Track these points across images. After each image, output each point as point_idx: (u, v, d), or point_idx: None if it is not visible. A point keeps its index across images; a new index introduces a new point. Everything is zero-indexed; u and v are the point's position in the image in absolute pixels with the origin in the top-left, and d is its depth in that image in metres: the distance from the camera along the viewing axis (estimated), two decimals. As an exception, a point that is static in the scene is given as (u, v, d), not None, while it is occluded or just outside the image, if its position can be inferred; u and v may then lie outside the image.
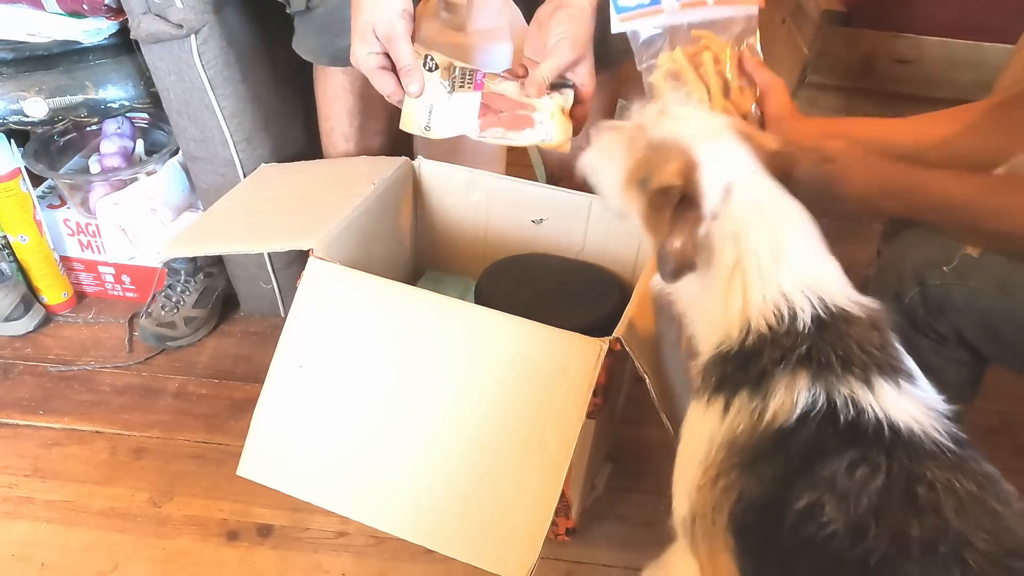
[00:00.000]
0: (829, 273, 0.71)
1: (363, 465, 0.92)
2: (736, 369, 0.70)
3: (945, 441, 0.62)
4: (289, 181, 1.21)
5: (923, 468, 0.60)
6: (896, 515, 0.59)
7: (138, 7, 1.12)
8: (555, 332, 0.86)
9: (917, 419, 0.63)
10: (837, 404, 0.63)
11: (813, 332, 0.66)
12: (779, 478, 0.64)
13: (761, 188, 0.73)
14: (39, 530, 1.13)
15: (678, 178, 0.71)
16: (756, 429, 0.66)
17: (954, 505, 0.59)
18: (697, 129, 0.75)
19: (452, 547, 0.87)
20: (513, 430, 0.87)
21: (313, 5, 1.12)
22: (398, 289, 0.94)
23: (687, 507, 0.73)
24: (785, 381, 0.66)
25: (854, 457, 0.61)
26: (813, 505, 0.61)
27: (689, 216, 0.70)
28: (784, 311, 0.68)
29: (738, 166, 0.74)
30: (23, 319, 1.43)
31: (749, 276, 0.70)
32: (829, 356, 0.65)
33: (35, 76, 1.23)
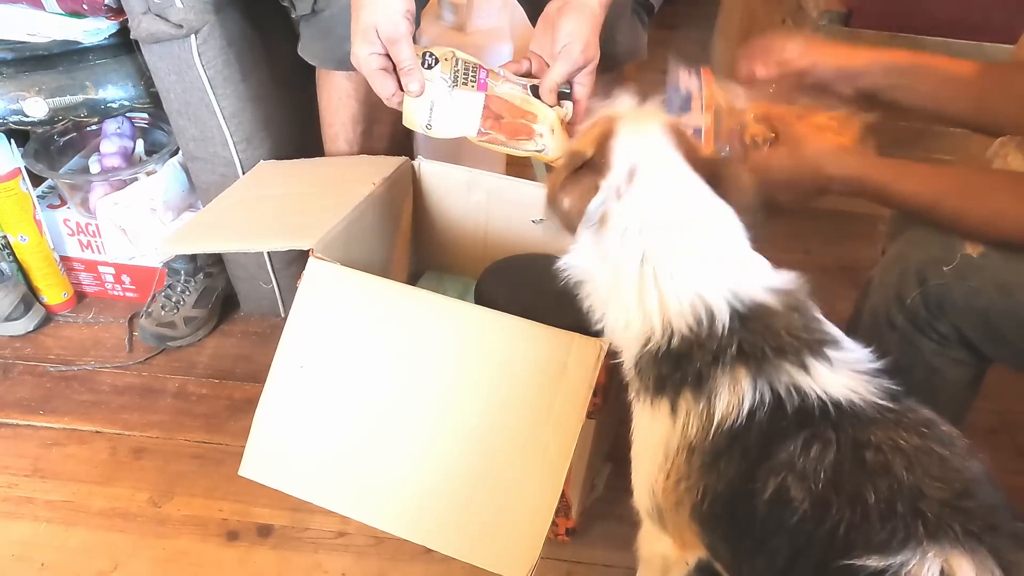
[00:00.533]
0: (740, 265, 0.71)
1: (363, 465, 0.92)
2: (671, 370, 0.71)
3: (882, 401, 0.66)
4: (288, 179, 1.21)
5: (867, 434, 0.64)
6: (852, 483, 0.62)
7: (138, 7, 1.12)
8: (555, 332, 0.86)
9: (854, 388, 0.66)
10: (782, 394, 0.66)
11: (738, 329, 0.68)
12: (740, 471, 0.67)
13: (669, 174, 0.73)
14: (39, 530, 1.13)
15: (591, 144, 0.73)
16: (709, 431, 0.69)
17: (903, 462, 0.62)
18: (634, 113, 0.77)
19: (452, 547, 0.87)
20: (513, 430, 0.87)
21: (319, 8, 1.12)
22: (398, 289, 0.94)
23: (650, 503, 0.77)
24: (727, 381, 0.68)
25: (806, 436, 0.64)
26: (779, 489, 0.64)
27: (586, 182, 0.72)
28: (701, 312, 0.69)
29: (651, 148, 0.74)
30: (23, 319, 1.43)
31: (660, 276, 0.70)
32: (763, 349, 0.67)
33: (35, 76, 1.23)
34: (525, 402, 0.86)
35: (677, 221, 0.71)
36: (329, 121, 1.26)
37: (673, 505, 0.74)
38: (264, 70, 1.28)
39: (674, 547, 0.80)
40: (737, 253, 0.72)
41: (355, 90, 1.21)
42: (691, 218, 0.71)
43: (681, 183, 0.73)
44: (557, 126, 0.99)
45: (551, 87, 0.98)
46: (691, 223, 0.71)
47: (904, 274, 0.88)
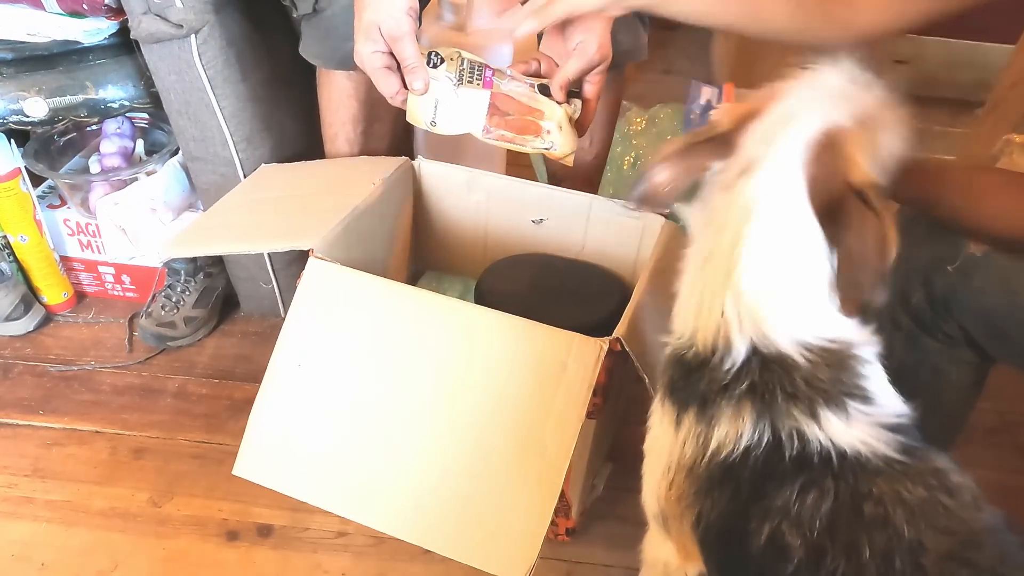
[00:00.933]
0: (788, 309, 0.65)
1: (361, 465, 0.92)
2: (680, 378, 0.69)
3: (893, 454, 0.62)
4: (289, 181, 1.21)
5: (869, 485, 0.61)
6: (848, 535, 0.60)
7: (138, 7, 1.12)
8: (555, 332, 0.86)
9: (864, 441, 0.63)
10: (782, 438, 0.63)
11: (753, 370, 0.64)
12: (734, 507, 0.65)
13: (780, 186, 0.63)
14: (39, 530, 1.13)
15: (730, 121, 0.65)
16: (703, 456, 0.66)
17: (904, 514, 0.59)
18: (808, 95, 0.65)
19: (451, 547, 0.87)
20: (513, 430, 0.86)
21: (320, 8, 1.12)
22: (398, 289, 0.94)
23: (656, 507, 0.75)
24: (729, 413, 0.65)
25: (803, 482, 0.62)
26: (774, 535, 0.62)
27: (698, 159, 0.65)
28: (720, 340, 0.65)
29: (783, 148, 0.63)
30: (23, 319, 1.43)
31: (708, 282, 0.66)
32: (774, 391, 0.64)
33: (35, 76, 1.23)
34: (525, 402, 0.86)
35: (748, 237, 0.63)
36: (329, 121, 1.26)
37: (678, 516, 0.72)
38: (264, 70, 1.28)
39: (676, 555, 0.78)
40: (795, 295, 0.65)
41: (355, 90, 1.21)
42: (766, 240, 0.63)
43: (787, 197, 0.63)
44: (565, 123, 0.99)
45: (562, 82, 0.96)
46: (761, 245, 0.63)
47: (908, 274, 0.87)
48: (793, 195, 0.63)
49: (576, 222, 1.17)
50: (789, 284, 0.65)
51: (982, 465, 1.23)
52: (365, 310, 0.94)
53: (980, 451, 1.26)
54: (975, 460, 0.68)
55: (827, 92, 0.66)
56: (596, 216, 1.15)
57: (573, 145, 1.00)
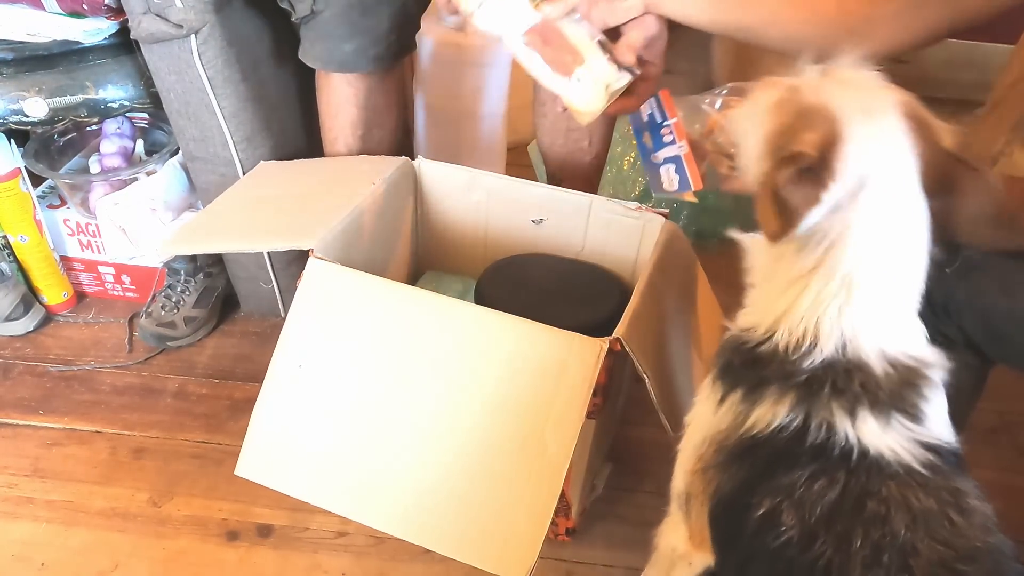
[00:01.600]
0: (882, 324, 0.66)
1: (362, 465, 0.92)
2: (741, 364, 0.70)
3: (916, 466, 0.63)
4: (289, 179, 1.21)
5: (879, 486, 0.62)
6: (844, 525, 0.61)
7: (138, 7, 1.12)
8: (555, 332, 0.86)
9: (892, 448, 0.64)
10: (811, 426, 0.65)
11: (818, 368, 0.66)
12: (745, 481, 0.67)
13: (895, 198, 0.64)
14: (39, 530, 1.13)
15: (814, 150, 0.62)
16: (735, 432, 0.68)
17: (905, 519, 0.61)
18: (857, 100, 0.65)
19: (451, 547, 0.87)
20: (513, 430, 0.86)
21: (318, 9, 1.12)
22: (398, 289, 0.94)
23: (683, 485, 0.77)
24: (775, 396, 0.67)
25: (815, 470, 0.63)
26: (772, 511, 0.63)
27: (807, 191, 0.63)
28: (806, 344, 0.66)
29: (886, 158, 0.63)
30: (23, 319, 1.43)
31: (808, 291, 0.66)
32: (823, 385, 0.66)
33: (35, 76, 1.23)
34: (525, 402, 0.86)
35: (863, 258, 0.64)
36: (328, 125, 1.26)
37: (700, 492, 0.74)
38: (264, 70, 1.28)
39: (686, 541, 0.80)
40: (891, 310, 0.67)
41: (354, 95, 1.21)
42: (880, 261, 0.65)
43: (901, 215, 0.64)
44: (601, 84, 0.93)
45: (631, 44, 0.91)
46: (875, 266, 0.65)
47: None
48: (911, 203, 0.64)
49: (576, 222, 1.17)
50: (892, 299, 0.67)
51: (982, 465, 1.23)
52: (365, 310, 0.94)
53: (980, 451, 1.26)
54: (975, 460, 0.68)
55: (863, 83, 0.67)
56: (596, 216, 1.15)
57: (595, 109, 0.94)
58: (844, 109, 0.64)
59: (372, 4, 1.12)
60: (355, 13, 1.08)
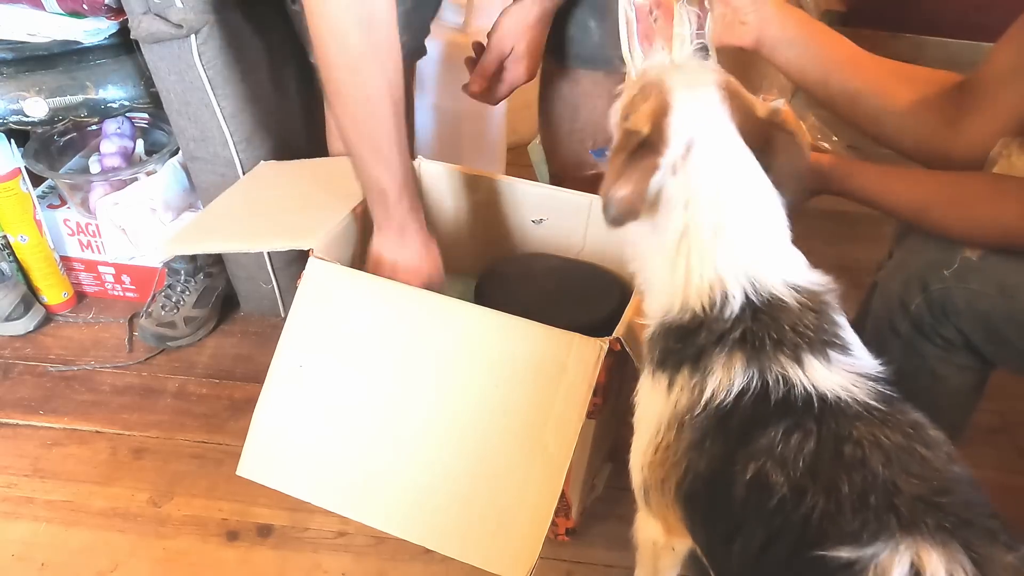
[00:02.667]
0: (771, 256, 0.72)
1: (363, 465, 0.92)
2: (676, 343, 0.72)
3: (872, 402, 0.66)
4: (288, 179, 1.21)
5: (849, 428, 0.65)
6: (828, 474, 0.63)
7: (138, 7, 1.12)
8: (555, 332, 0.86)
9: (844, 387, 0.67)
10: (769, 383, 0.67)
11: (746, 317, 0.69)
12: (722, 453, 0.69)
13: (724, 152, 0.72)
14: (39, 530, 1.13)
15: (647, 120, 0.71)
16: (696, 406, 0.70)
17: (881, 457, 0.63)
18: (683, 77, 0.75)
19: (451, 547, 0.87)
20: (513, 430, 0.87)
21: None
22: (398, 289, 0.94)
23: (640, 480, 0.78)
24: (722, 361, 0.69)
25: (787, 425, 0.65)
26: (759, 474, 0.65)
27: (645, 163, 0.70)
28: (716, 295, 0.70)
29: (708, 121, 0.72)
30: (23, 319, 1.43)
31: (692, 251, 0.71)
32: (763, 339, 0.69)
33: (35, 76, 1.23)
34: (525, 402, 0.86)
35: (722, 202, 0.71)
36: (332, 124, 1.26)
37: (659, 482, 0.75)
38: (264, 70, 1.28)
39: (661, 531, 0.81)
40: (772, 243, 0.72)
41: None
42: (736, 200, 0.71)
43: (734, 162, 0.72)
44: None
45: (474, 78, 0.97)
46: (735, 206, 0.71)
47: (906, 280, 0.87)
48: (738, 152, 0.72)
49: (576, 222, 1.17)
50: (766, 233, 0.72)
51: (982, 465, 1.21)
52: (365, 310, 0.94)
53: (980, 451, 1.25)
54: (975, 460, 0.68)
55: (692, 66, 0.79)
56: (596, 216, 1.15)
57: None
58: (672, 84, 0.73)
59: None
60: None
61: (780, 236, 0.73)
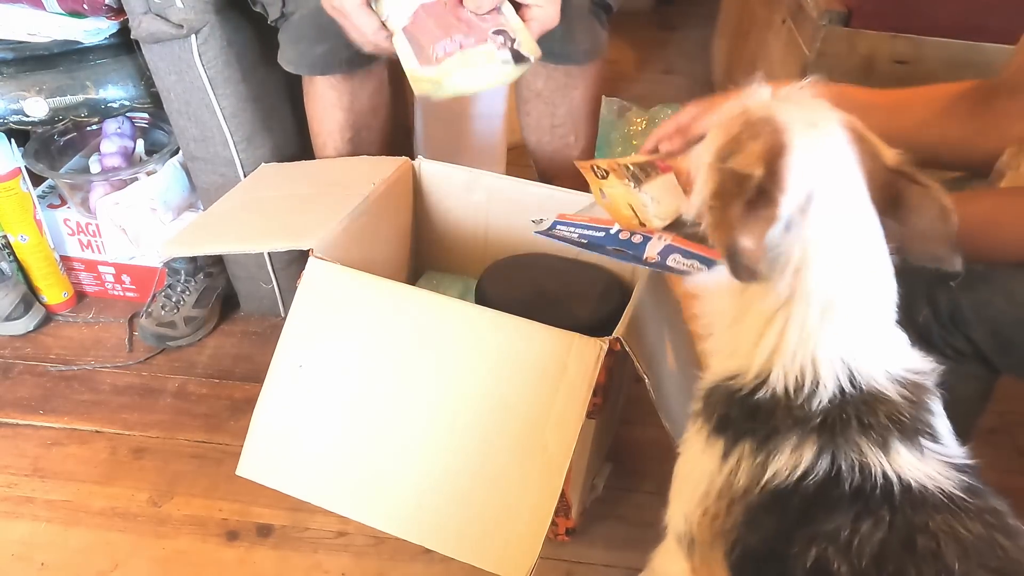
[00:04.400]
0: (877, 343, 0.64)
1: (363, 465, 0.92)
2: (742, 417, 0.66)
3: (955, 492, 0.61)
4: (289, 181, 1.21)
5: (925, 518, 0.60)
6: (895, 565, 0.58)
7: (139, 7, 1.12)
8: (555, 332, 0.86)
9: (929, 475, 0.62)
10: (843, 468, 0.62)
11: (834, 408, 0.63)
12: (777, 531, 0.64)
13: (849, 210, 0.61)
14: (39, 530, 1.13)
15: (759, 162, 0.60)
16: (755, 486, 0.64)
17: (956, 551, 0.58)
18: (801, 114, 0.63)
19: (452, 547, 0.87)
20: (513, 430, 0.87)
21: (288, 11, 1.12)
22: (398, 289, 0.94)
23: (684, 528, 0.73)
24: (793, 444, 0.63)
25: (859, 511, 0.61)
26: (820, 560, 0.60)
27: (763, 212, 0.59)
28: (807, 380, 0.63)
29: (833, 170, 0.61)
30: (23, 319, 1.43)
31: (791, 323, 0.63)
32: (848, 423, 0.63)
33: (35, 76, 1.23)
34: (525, 402, 0.86)
35: (839, 274, 0.62)
36: (316, 131, 1.26)
37: (709, 541, 0.70)
38: (264, 70, 1.28)
39: (688, 573, 0.76)
40: (881, 327, 0.65)
41: (339, 99, 1.21)
42: (855, 274, 0.62)
43: (859, 224, 0.62)
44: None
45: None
46: (852, 280, 0.62)
47: (912, 292, 0.87)
48: (864, 211, 0.62)
49: (576, 222, 1.17)
50: (878, 315, 0.64)
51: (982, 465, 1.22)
52: (365, 310, 0.94)
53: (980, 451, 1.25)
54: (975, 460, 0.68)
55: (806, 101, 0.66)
56: (596, 216, 1.15)
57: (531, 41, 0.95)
58: (788, 121, 0.62)
59: None
60: (324, 15, 1.08)
61: (888, 317, 0.65)
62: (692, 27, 2.51)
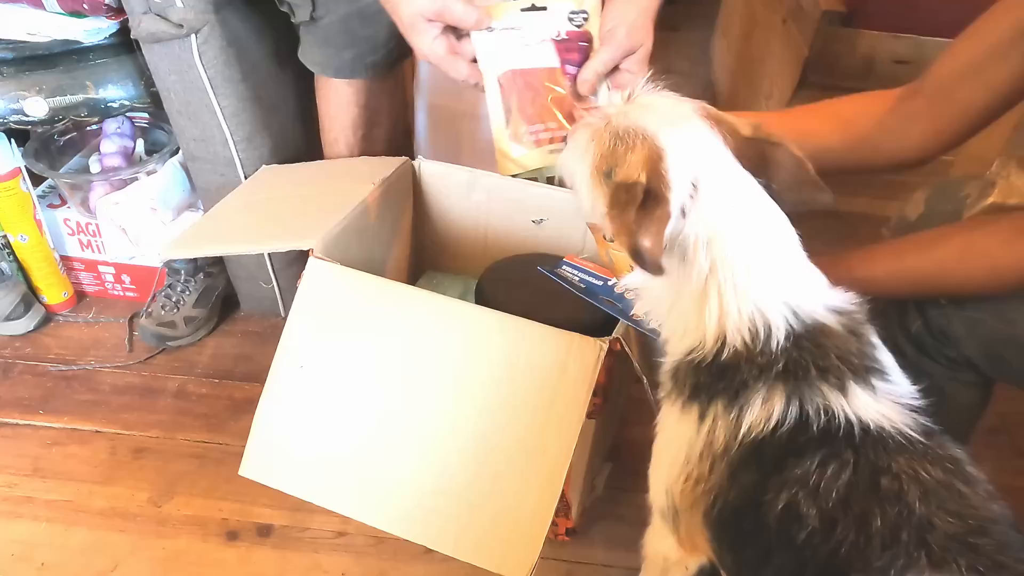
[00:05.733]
0: (804, 281, 0.69)
1: (364, 465, 0.92)
2: (711, 379, 0.70)
3: (914, 434, 0.64)
4: (290, 182, 1.21)
5: (889, 460, 0.63)
6: (861, 506, 0.61)
7: (139, 7, 1.12)
8: (555, 332, 0.86)
9: (888, 416, 0.65)
10: (810, 413, 0.65)
11: (789, 348, 0.67)
12: (754, 482, 0.67)
13: (731, 182, 0.69)
14: (39, 530, 1.13)
15: (641, 170, 0.67)
16: (733, 441, 0.68)
17: (918, 492, 0.61)
18: (661, 115, 0.71)
19: (452, 547, 0.87)
20: (513, 430, 0.87)
21: (317, 16, 1.12)
22: (398, 289, 0.94)
23: (666, 501, 0.76)
24: (762, 395, 0.67)
25: (824, 455, 0.64)
26: (790, 504, 0.63)
27: (656, 213, 0.66)
28: (760, 327, 0.67)
29: (706, 156, 0.69)
30: (23, 319, 1.43)
31: (724, 287, 0.68)
32: (808, 368, 0.66)
33: (35, 75, 1.23)
34: (525, 402, 0.86)
35: (745, 233, 0.68)
36: (328, 126, 1.26)
37: (689, 507, 0.73)
38: (264, 70, 1.28)
39: (677, 549, 0.79)
40: (799, 268, 0.70)
41: (355, 95, 1.21)
42: (758, 229, 0.69)
43: (744, 190, 0.69)
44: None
45: (588, 79, 0.89)
46: (758, 234, 0.69)
47: (904, 305, 0.87)
48: (744, 179, 0.70)
49: (576, 222, 1.17)
50: (792, 258, 0.70)
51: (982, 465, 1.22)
52: (365, 310, 0.94)
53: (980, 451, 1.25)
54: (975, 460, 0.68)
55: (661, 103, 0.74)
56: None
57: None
58: (653, 125, 0.69)
59: (372, 13, 1.12)
60: (355, 22, 1.08)
61: (802, 258, 0.70)
62: (692, 27, 2.51)
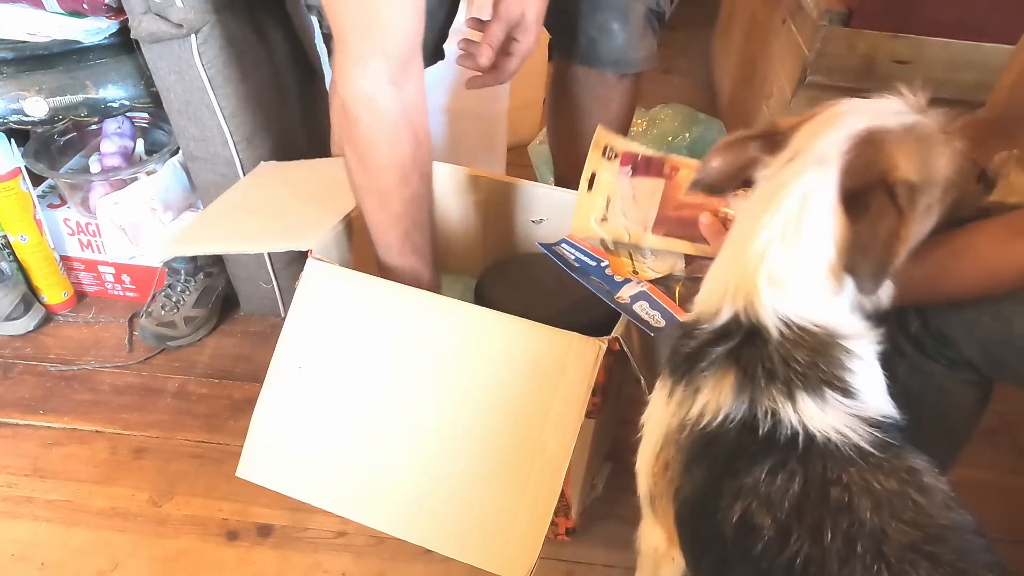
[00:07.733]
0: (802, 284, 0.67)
1: (363, 465, 0.92)
2: (680, 358, 0.71)
3: (867, 447, 0.63)
4: (289, 180, 1.21)
5: (838, 471, 0.62)
6: (812, 518, 0.61)
7: (138, 7, 1.12)
8: (555, 332, 0.86)
9: (838, 429, 0.64)
10: (757, 415, 0.65)
11: (734, 336, 0.67)
12: (708, 480, 0.67)
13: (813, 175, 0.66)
14: (39, 530, 1.13)
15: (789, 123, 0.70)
16: (685, 427, 0.69)
17: (869, 503, 0.61)
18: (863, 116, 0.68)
19: (452, 547, 0.87)
20: (513, 430, 0.87)
21: None
22: (398, 289, 0.94)
23: (646, 487, 0.77)
24: (712, 381, 0.67)
25: (773, 464, 0.64)
26: (746, 514, 0.63)
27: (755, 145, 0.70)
28: (716, 309, 0.68)
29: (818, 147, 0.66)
30: (23, 319, 1.43)
31: (733, 259, 0.69)
32: (756, 367, 0.66)
33: (35, 75, 1.23)
34: (525, 402, 0.86)
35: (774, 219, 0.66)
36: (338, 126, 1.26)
37: (662, 495, 0.74)
38: (264, 70, 1.28)
39: (664, 540, 0.80)
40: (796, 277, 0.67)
41: None
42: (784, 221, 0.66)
43: (814, 181, 0.66)
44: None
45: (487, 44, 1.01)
46: (780, 226, 0.66)
47: (903, 307, 0.87)
48: (820, 180, 0.66)
49: (576, 222, 1.17)
50: (791, 263, 0.67)
51: (982, 465, 1.23)
52: (365, 310, 0.94)
53: (980, 451, 1.25)
54: (975, 460, 0.68)
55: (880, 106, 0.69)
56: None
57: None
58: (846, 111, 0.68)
59: None
60: None
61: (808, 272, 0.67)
62: (692, 27, 2.51)
